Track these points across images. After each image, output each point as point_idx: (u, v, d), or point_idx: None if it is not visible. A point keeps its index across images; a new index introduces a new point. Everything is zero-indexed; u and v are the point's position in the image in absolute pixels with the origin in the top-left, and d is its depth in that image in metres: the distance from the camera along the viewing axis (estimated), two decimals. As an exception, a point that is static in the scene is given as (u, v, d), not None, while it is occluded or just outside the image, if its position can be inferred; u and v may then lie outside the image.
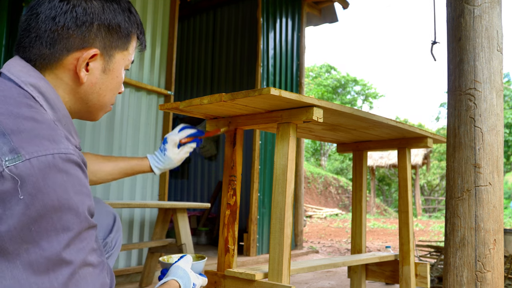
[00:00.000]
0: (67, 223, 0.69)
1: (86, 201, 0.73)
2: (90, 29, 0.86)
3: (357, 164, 2.34)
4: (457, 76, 1.24)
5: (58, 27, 0.84)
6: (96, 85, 0.90)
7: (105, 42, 0.88)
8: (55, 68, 0.86)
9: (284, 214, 1.46)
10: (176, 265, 1.04)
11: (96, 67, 0.89)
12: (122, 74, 0.96)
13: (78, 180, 0.73)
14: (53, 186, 0.69)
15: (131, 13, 0.93)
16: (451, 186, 1.23)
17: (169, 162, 1.43)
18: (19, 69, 0.83)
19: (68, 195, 0.70)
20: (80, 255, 0.70)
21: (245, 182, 4.88)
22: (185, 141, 1.45)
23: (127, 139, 3.24)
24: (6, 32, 2.78)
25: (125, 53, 0.94)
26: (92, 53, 0.86)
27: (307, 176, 16.64)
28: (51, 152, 0.71)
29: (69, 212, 0.70)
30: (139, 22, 0.97)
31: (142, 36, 0.99)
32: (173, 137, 1.44)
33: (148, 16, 3.41)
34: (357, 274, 2.32)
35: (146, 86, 3.32)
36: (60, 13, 0.84)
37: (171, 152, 1.43)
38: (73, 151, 0.74)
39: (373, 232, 8.87)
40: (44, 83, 0.83)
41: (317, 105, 1.43)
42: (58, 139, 0.74)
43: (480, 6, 1.22)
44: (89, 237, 0.73)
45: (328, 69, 29.01)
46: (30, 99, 0.79)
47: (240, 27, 5.39)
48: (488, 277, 1.15)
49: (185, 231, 2.81)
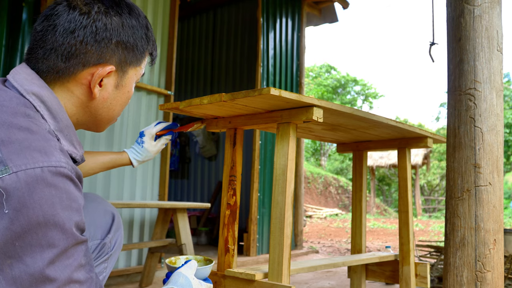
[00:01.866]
0: (52, 239, 0.68)
1: (73, 216, 0.71)
2: (109, 46, 0.84)
3: (357, 164, 2.34)
4: (457, 76, 1.24)
5: (76, 41, 0.82)
6: (108, 100, 0.90)
7: (121, 58, 0.87)
8: (67, 82, 0.85)
9: (284, 214, 1.46)
10: (178, 271, 0.99)
11: (110, 83, 0.88)
12: (133, 88, 0.95)
13: (67, 195, 0.71)
14: (39, 201, 0.67)
15: (148, 30, 0.93)
16: (451, 186, 1.23)
17: (146, 154, 1.46)
18: (23, 77, 0.82)
19: (55, 211, 0.68)
20: (65, 272, 0.68)
21: (245, 182, 4.88)
22: (160, 133, 1.50)
23: (127, 139, 3.24)
24: (6, 32, 2.78)
25: (137, 68, 0.93)
26: (108, 70, 0.85)
27: (307, 176, 16.64)
28: (40, 165, 0.69)
29: (55, 228, 0.68)
30: (153, 39, 0.96)
31: (155, 52, 0.98)
32: (150, 130, 1.48)
33: (148, 16, 3.41)
34: (357, 274, 2.32)
35: (146, 86, 3.32)
36: (79, 27, 0.82)
37: (148, 144, 1.47)
38: (65, 164, 0.72)
39: (373, 232, 8.87)
40: (47, 92, 0.81)
41: (317, 105, 1.43)
42: (50, 151, 0.72)
43: (480, 6, 1.21)
44: (76, 254, 0.71)
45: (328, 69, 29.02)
46: (30, 109, 0.77)
47: (240, 27, 5.39)
48: (488, 277, 1.15)
49: (185, 231, 2.81)
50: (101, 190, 3.04)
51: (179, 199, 5.91)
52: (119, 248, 1.17)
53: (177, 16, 3.64)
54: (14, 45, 2.81)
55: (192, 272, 1.00)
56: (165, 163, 3.46)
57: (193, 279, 0.98)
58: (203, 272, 1.08)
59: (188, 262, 1.03)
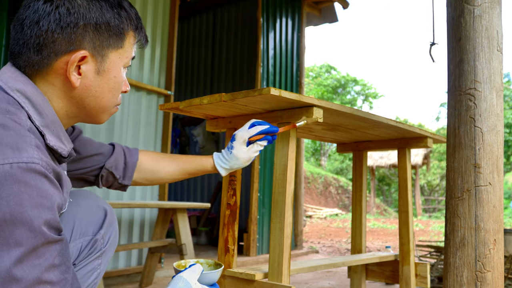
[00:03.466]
0: (20, 237, 0.66)
1: (44, 214, 0.68)
2: (76, 30, 0.81)
3: (357, 164, 2.34)
4: (457, 76, 1.24)
5: (42, 31, 0.80)
6: (91, 88, 0.86)
7: (94, 42, 0.84)
8: (46, 74, 0.83)
9: (284, 214, 1.46)
10: (179, 275, 0.93)
11: (89, 70, 0.85)
12: (121, 73, 0.91)
13: (38, 192, 0.68)
14: (7, 197, 0.66)
15: (122, 8, 0.88)
16: (451, 186, 1.23)
17: (235, 161, 1.28)
18: (8, 75, 0.81)
19: (23, 208, 0.66)
20: (33, 272, 0.66)
21: (245, 182, 4.88)
22: (255, 138, 1.28)
23: (127, 139, 3.24)
24: (6, 32, 2.78)
25: (120, 51, 0.89)
26: (80, 55, 0.82)
27: (307, 176, 16.64)
28: (9, 161, 0.67)
29: (22, 226, 0.66)
30: (134, 17, 0.91)
31: (139, 31, 0.93)
32: (242, 133, 1.28)
33: (148, 16, 3.41)
34: (357, 274, 2.32)
35: (146, 86, 3.32)
36: (43, 16, 0.80)
37: (238, 150, 1.27)
38: (38, 160, 0.70)
39: (373, 232, 8.87)
40: (32, 88, 0.80)
41: (317, 105, 1.43)
42: (22, 147, 0.70)
43: (480, 6, 1.21)
44: (48, 253, 0.68)
45: (328, 69, 29.02)
46: (12, 105, 0.76)
47: (240, 27, 5.39)
48: (488, 277, 1.15)
49: (185, 231, 2.81)
50: (101, 190, 3.04)
51: (179, 199, 5.91)
52: (113, 243, 1.13)
53: (177, 16, 3.64)
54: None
55: (195, 276, 0.95)
56: (165, 163, 3.45)
57: (195, 284, 0.92)
58: (210, 277, 1.01)
59: (192, 266, 0.97)
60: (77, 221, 1.06)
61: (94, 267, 1.08)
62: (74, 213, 1.06)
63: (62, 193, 0.77)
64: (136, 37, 0.93)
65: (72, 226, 1.05)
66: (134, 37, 0.93)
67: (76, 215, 1.06)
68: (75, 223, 1.05)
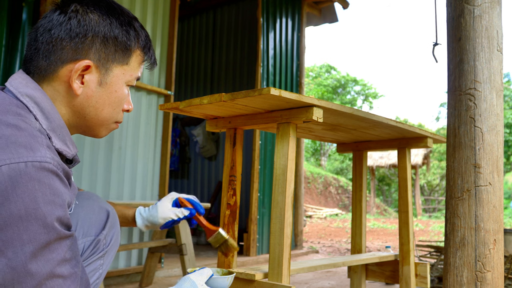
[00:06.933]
0: (34, 233, 0.68)
1: (56, 211, 0.71)
2: (84, 41, 0.86)
3: (357, 164, 2.34)
4: (457, 76, 1.24)
5: (53, 38, 0.85)
6: (92, 98, 0.89)
7: (100, 54, 0.88)
8: (52, 80, 0.87)
9: (284, 214, 1.46)
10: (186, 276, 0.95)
11: (92, 80, 0.88)
12: (124, 89, 0.93)
13: (50, 190, 0.71)
14: (22, 195, 0.68)
15: (131, 27, 0.92)
16: (451, 186, 1.23)
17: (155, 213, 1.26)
18: (19, 81, 0.85)
19: (37, 205, 0.69)
20: (47, 267, 0.69)
21: (245, 182, 4.88)
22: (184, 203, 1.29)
23: (127, 139, 3.24)
24: (6, 32, 2.78)
25: (125, 67, 0.92)
26: (84, 64, 0.86)
27: (307, 176, 16.64)
28: (24, 160, 0.70)
29: (36, 222, 0.68)
30: (144, 38, 0.94)
31: (147, 51, 0.96)
32: (174, 194, 1.31)
33: (148, 16, 3.41)
34: (357, 274, 2.32)
35: (146, 86, 3.32)
36: (56, 25, 0.86)
37: (163, 203, 1.28)
38: (50, 160, 0.73)
39: (373, 232, 8.87)
40: (40, 94, 0.84)
41: (317, 105, 1.43)
42: (35, 147, 0.73)
43: (480, 6, 1.21)
44: (60, 248, 0.71)
45: (328, 69, 29.01)
46: (22, 109, 0.80)
47: (240, 27, 5.39)
48: (488, 277, 1.15)
49: (185, 231, 2.81)
50: (101, 190, 3.04)
51: (179, 199, 5.90)
52: (115, 244, 1.15)
53: (177, 16, 3.64)
54: (14, 45, 2.81)
55: (203, 278, 0.96)
56: (165, 163, 3.46)
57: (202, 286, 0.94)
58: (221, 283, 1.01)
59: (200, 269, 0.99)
60: (79, 221, 1.08)
61: (96, 268, 1.09)
62: (77, 213, 1.08)
63: (71, 192, 0.79)
64: (144, 56, 0.96)
65: (75, 226, 1.07)
66: (142, 57, 0.96)
67: (79, 216, 1.08)
68: (77, 223, 1.07)
